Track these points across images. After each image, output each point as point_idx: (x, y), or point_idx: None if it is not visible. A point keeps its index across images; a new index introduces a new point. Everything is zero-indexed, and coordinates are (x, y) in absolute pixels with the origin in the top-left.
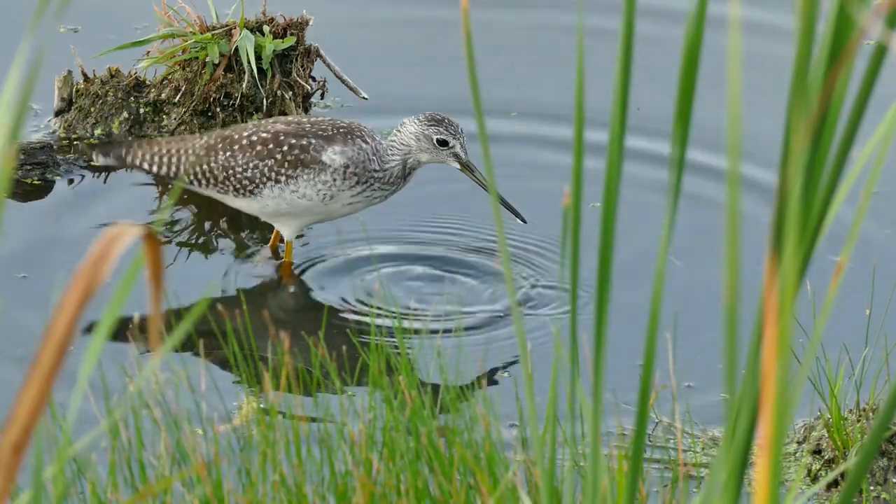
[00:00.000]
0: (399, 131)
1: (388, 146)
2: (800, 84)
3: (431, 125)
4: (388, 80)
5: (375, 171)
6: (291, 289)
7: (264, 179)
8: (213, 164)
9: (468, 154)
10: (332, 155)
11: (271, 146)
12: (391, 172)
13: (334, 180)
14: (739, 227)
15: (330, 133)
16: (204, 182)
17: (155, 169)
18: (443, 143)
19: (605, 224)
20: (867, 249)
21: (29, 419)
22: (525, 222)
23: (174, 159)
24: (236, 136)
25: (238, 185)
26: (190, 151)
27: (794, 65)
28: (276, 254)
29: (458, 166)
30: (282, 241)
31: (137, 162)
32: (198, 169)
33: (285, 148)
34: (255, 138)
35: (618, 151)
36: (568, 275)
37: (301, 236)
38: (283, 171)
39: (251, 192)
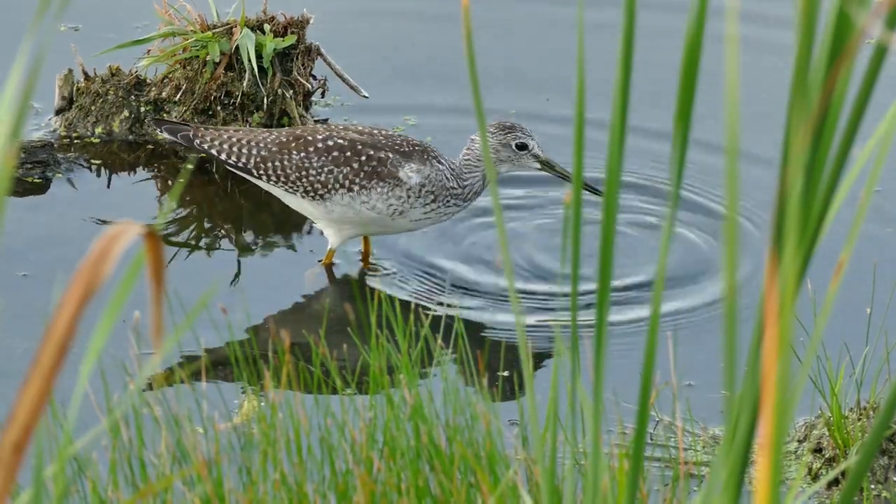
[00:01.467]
0: (471, 148)
1: (462, 164)
2: (800, 84)
3: (508, 133)
4: (388, 79)
5: (454, 188)
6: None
7: (336, 186)
8: (286, 163)
9: (544, 150)
10: (410, 172)
11: (349, 154)
12: (471, 188)
13: (408, 197)
14: (738, 224)
15: (406, 150)
16: (273, 178)
17: (223, 157)
18: (522, 146)
19: (606, 224)
20: (868, 248)
21: (29, 418)
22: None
23: (244, 150)
24: (310, 138)
25: (309, 187)
26: (261, 145)
27: (794, 65)
28: (367, 260)
29: (538, 166)
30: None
31: (206, 146)
32: (269, 164)
33: (363, 158)
34: (331, 143)
35: (618, 151)
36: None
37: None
38: (357, 180)
39: (321, 195)
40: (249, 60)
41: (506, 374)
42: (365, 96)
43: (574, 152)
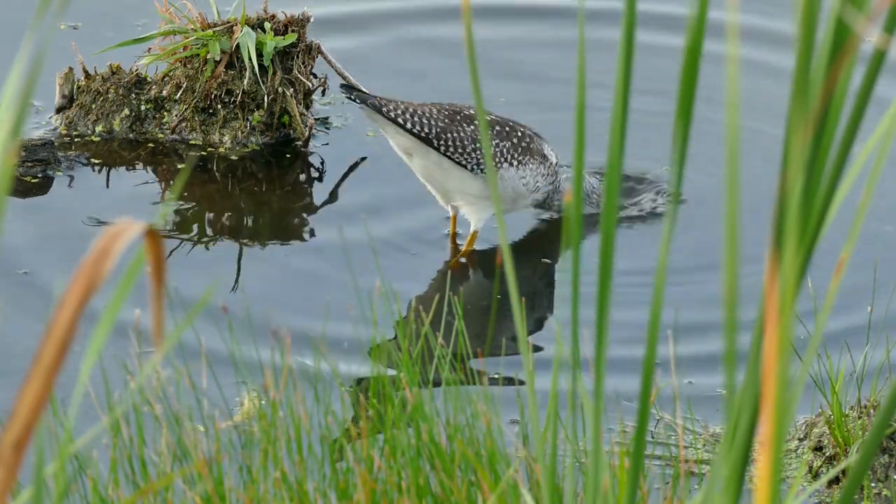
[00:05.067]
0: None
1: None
2: (800, 83)
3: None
4: (389, 76)
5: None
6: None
7: (502, 160)
8: (462, 134)
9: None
10: (550, 150)
11: (507, 129)
12: (557, 194)
13: (548, 174)
14: (738, 225)
15: (532, 132)
16: (451, 147)
17: (409, 125)
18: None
19: (607, 221)
20: (869, 246)
21: (30, 416)
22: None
23: (425, 119)
24: (467, 112)
25: (481, 159)
26: (436, 117)
27: (794, 63)
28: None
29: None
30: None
31: (393, 115)
32: (448, 135)
33: (519, 134)
34: (488, 118)
35: (619, 148)
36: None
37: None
38: (516, 155)
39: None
40: (250, 59)
41: (506, 372)
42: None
43: (575, 150)
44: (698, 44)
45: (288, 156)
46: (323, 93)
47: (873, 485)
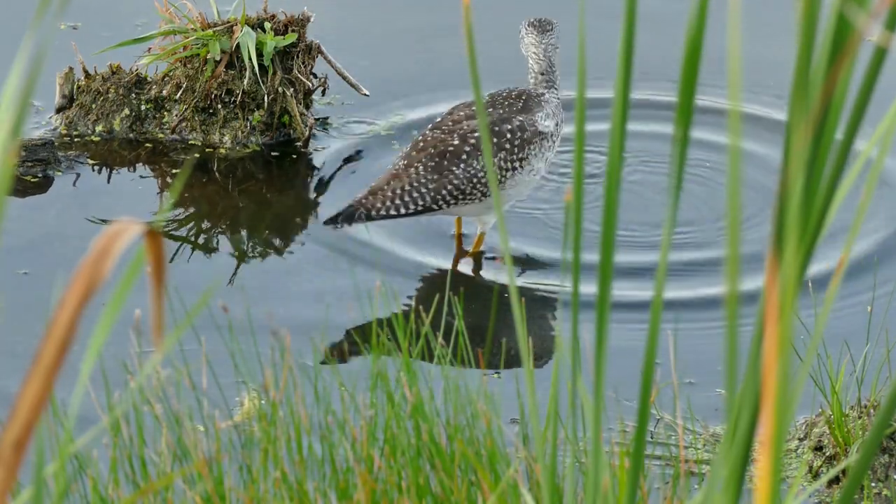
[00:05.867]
0: (539, 62)
1: (537, 83)
2: (801, 81)
3: (543, 21)
4: (389, 76)
5: (562, 118)
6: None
7: (504, 173)
8: (455, 181)
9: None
10: (544, 121)
11: (495, 140)
12: (558, 99)
13: (553, 142)
14: (740, 224)
15: (519, 105)
16: (452, 201)
17: (403, 210)
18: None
19: (607, 220)
20: (869, 246)
21: (30, 416)
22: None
23: (416, 194)
24: (453, 148)
25: (484, 189)
26: (422, 181)
27: (795, 61)
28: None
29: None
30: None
31: (383, 213)
32: (444, 192)
33: (508, 135)
34: (473, 140)
35: (619, 145)
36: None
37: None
38: (515, 157)
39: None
40: (250, 58)
41: (506, 371)
42: (366, 94)
43: (575, 152)
44: (698, 43)
45: (289, 156)
46: (323, 93)
47: (873, 485)
